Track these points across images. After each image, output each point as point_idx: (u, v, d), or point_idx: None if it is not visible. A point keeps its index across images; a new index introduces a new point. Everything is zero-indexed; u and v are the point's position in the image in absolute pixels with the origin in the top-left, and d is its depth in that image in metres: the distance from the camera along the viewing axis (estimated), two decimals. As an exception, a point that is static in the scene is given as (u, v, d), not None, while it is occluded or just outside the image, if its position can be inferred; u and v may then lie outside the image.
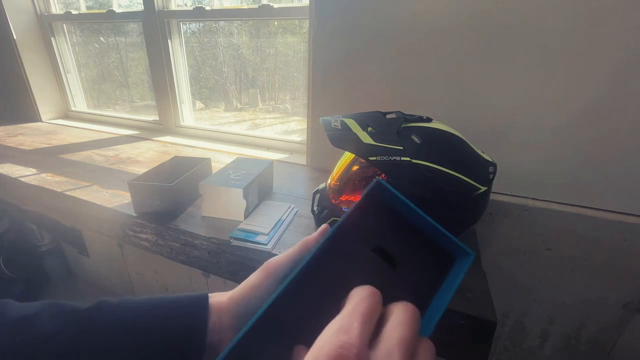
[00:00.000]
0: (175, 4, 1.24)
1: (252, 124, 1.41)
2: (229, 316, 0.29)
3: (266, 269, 0.30)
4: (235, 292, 0.30)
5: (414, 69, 0.80)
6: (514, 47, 0.70)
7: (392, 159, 0.52)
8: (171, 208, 0.70)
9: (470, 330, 0.47)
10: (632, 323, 0.80)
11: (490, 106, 0.76)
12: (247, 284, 0.30)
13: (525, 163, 0.77)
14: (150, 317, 0.29)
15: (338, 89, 0.89)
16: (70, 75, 1.61)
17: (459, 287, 0.20)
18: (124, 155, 1.13)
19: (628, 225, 0.72)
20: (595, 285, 0.80)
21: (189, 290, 1.18)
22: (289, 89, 1.32)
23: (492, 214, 0.81)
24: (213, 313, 0.29)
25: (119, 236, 0.77)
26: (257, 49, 1.27)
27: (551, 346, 0.92)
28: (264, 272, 0.30)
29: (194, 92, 1.41)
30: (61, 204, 0.85)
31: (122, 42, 1.50)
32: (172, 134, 1.40)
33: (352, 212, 0.22)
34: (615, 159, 0.71)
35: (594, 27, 0.64)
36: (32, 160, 1.06)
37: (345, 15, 0.81)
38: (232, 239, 0.63)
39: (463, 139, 0.57)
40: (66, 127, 1.52)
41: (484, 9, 0.69)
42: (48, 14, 1.48)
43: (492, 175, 0.57)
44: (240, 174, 0.74)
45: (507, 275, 0.87)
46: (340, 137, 0.56)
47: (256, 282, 0.29)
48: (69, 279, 1.50)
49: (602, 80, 0.67)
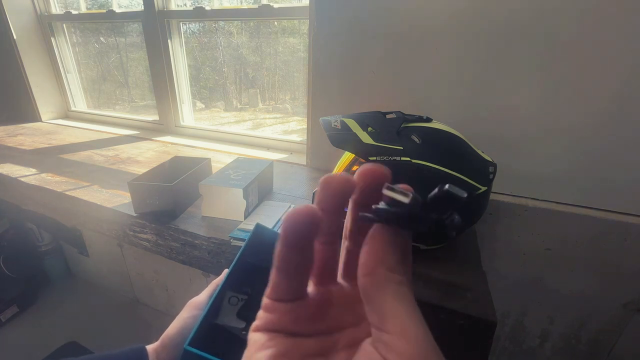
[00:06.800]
0: (175, 4, 1.24)
1: (252, 124, 1.41)
2: (165, 352, 0.38)
3: (191, 305, 0.42)
4: (168, 330, 0.40)
5: (414, 69, 0.80)
6: (514, 47, 0.70)
7: (392, 159, 0.52)
8: (171, 208, 0.70)
9: (471, 330, 0.47)
10: (632, 323, 0.80)
11: (491, 106, 0.76)
12: (177, 320, 0.41)
13: (525, 163, 0.77)
14: None
15: (338, 89, 0.89)
16: (70, 75, 1.61)
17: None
18: (124, 155, 1.13)
19: (628, 225, 0.72)
20: (595, 285, 0.80)
21: (189, 290, 1.18)
22: (289, 89, 1.32)
23: (492, 214, 0.81)
24: (151, 355, 0.38)
25: (119, 236, 0.77)
26: (257, 49, 1.27)
27: (551, 346, 0.92)
28: (190, 307, 0.41)
29: (194, 92, 1.41)
30: (61, 204, 0.85)
31: (122, 42, 1.50)
32: (172, 134, 1.40)
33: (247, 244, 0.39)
34: (615, 159, 0.71)
35: (595, 26, 0.64)
36: (32, 160, 1.06)
37: (345, 15, 0.81)
38: (232, 239, 0.63)
39: (463, 139, 0.57)
40: (66, 127, 1.52)
41: (484, 9, 0.69)
42: (48, 14, 1.48)
43: (492, 175, 0.57)
44: (240, 174, 0.74)
45: (507, 275, 0.87)
46: (340, 137, 0.56)
47: (184, 315, 0.41)
48: (69, 279, 1.50)
49: (602, 80, 0.67)
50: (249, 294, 0.39)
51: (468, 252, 0.62)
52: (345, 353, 0.17)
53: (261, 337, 0.16)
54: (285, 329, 0.17)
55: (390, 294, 0.14)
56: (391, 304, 0.14)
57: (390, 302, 0.14)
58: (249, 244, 0.39)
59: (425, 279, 0.53)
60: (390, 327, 0.14)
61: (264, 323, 0.17)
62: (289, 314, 0.17)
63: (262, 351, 0.16)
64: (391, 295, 0.14)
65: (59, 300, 1.39)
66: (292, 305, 0.17)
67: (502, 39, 0.70)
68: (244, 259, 0.39)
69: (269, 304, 0.17)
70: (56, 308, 1.35)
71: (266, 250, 0.17)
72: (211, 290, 0.42)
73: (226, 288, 0.39)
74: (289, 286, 0.17)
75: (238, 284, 0.39)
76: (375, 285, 0.15)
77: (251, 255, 0.39)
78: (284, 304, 0.17)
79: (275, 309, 0.17)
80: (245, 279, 0.39)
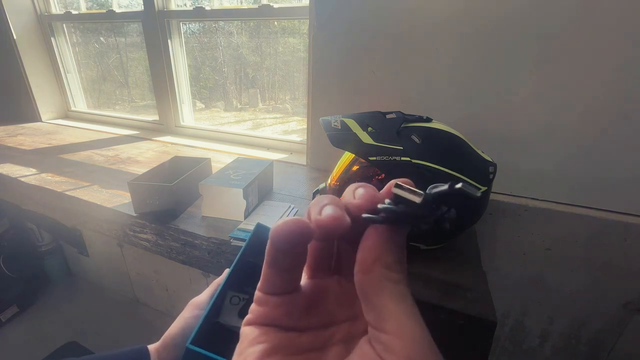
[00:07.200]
0: (175, 4, 1.24)
1: (252, 124, 1.41)
2: (166, 352, 0.38)
3: (192, 305, 0.41)
4: (170, 329, 0.40)
5: (414, 69, 0.80)
6: (514, 47, 0.70)
7: (392, 159, 0.52)
8: (171, 208, 0.70)
9: (471, 330, 0.47)
10: (632, 323, 0.80)
11: (491, 106, 0.76)
12: (178, 320, 0.40)
13: (525, 163, 0.77)
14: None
15: (338, 89, 0.89)
16: (70, 75, 1.61)
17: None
18: (124, 155, 1.13)
19: (628, 225, 0.72)
20: (595, 285, 0.80)
21: (189, 290, 1.18)
22: (289, 89, 1.32)
23: (492, 214, 0.81)
24: (152, 355, 0.38)
25: (119, 236, 0.77)
26: (257, 49, 1.27)
27: (551, 346, 0.92)
28: (191, 307, 0.41)
29: (194, 92, 1.41)
30: (61, 204, 0.85)
31: (122, 42, 1.50)
32: (172, 134, 1.40)
33: (247, 245, 0.39)
34: (615, 159, 0.71)
35: (597, 26, 0.64)
36: (32, 160, 1.06)
37: (345, 15, 0.81)
38: (232, 239, 0.63)
39: (463, 139, 0.57)
40: (66, 127, 1.52)
41: (484, 9, 0.69)
42: (48, 14, 1.48)
43: (492, 175, 0.57)
44: (240, 174, 0.74)
45: (507, 275, 0.87)
46: (340, 137, 0.56)
47: (186, 315, 0.40)
48: (69, 279, 1.50)
49: (603, 80, 0.67)
50: (250, 293, 0.39)
51: (468, 252, 0.62)
52: (340, 348, 0.16)
53: (253, 331, 0.16)
54: (278, 322, 0.16)
55: (387, 293, 0.14)
56: (389, 303, 0.14)
57: (387, 301, 0.14)
58: (249, 243, 0.39)
59: (425, 279, 0.53)
60: (388, 327, 0.13)
61: (256, 317, 0.16)
62: (281, 308, 0.16)
63: (254, 346, 0.15)
64: (389, 294, 0.14)
65: (59, 300, 1.39)
66: (284, 298, 0.16)
67: (501, 38, 0.70)
68: (245, 259, 0.39)
69: (261, 297, 0.16)
70: (56, 308, 1.35)
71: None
72: (212, 290, 0.42)
73: (227, 288, 0.39)
74: (281, 280, 0.16)
75: (239, 284, 0.39)
76: (373, 284, 0.14)
77: (252, 255, 0.39)
78: (276, 297, 0.16)
79: (267, 302, 0.16)
80: (246, 278, 0.39)
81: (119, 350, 0.38)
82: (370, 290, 0.14)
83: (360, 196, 0.15)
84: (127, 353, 0.38)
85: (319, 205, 0.15)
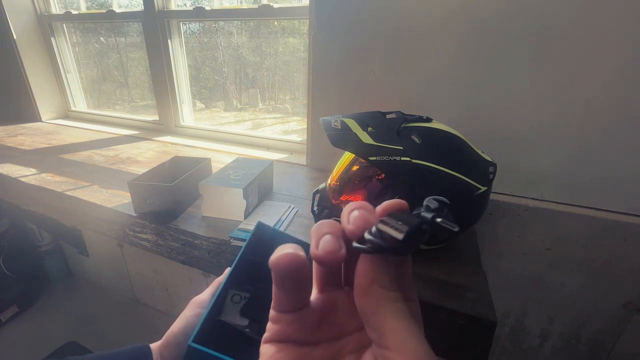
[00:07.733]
0: (175, 4, 1.24)
1: (252, 124, 1.41)
2: (168, 351, 0.38)
3: (194, 303, 0.41)
4: (172, 328, 0.40)
5: (414, 69, 0.80)
6: (514, 47, 0.70)
7: (392, 159, 0.52)
8: (171, 208, 0.70)
9: (470, 330, 0.47)
10: (632, 323, 0.80)
11: (491, 106, 0.76)
12: (180, 319, 0.40)
13: (525, 163, 0.77)
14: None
15: (338, 89, 0.89)
16: (70, 75, 1.61)
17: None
18: (124, 155, 1.13)
19: (628, 225, 0.72)
20: (595, 285, 0.80)
21: (189, 290, 1.18)
22: (289, 89, 1.32)
23: (492, 214, 0.81)
24: (154, 353, 0.38)
25: (119, 236, 0.77)
26: (257, 49, 1.27)
27: (551, 346, 0.92)
28: (192, 306, 0.41)
29: (194, 92, 1.41)
30: (61, 204, 0.85)
31: (122, 42, 1.50)
32: (172, 134, 1.40)
33: (247, 245, 0.39)
34: (615, 159, 0.71)
35: (597, 26, 0.64)
36: (32, 160, 1.06)
37: (345, 15, 0.81)
38: (232, 239, 0.63)
39: (463, 139, 0.57)
40: (66, 127, 1.52)
41: (484, 9, 0.69)
42: (48, 14, 1.48)
43: (492, 175, 0.57)
44: (240, 174, 0.74)
45: (507, 275, 0.87)
46: (340, 137, 0.56)
47: (187, 314, 0.40)
48: (69, 279, 1.50)
49: (603, 80, 0.66)
50: (252, 292, 0.39)
51: (468, 252, 0.62)
52: (352, 357, 0.17)
53: (270, 349, 0.17)
54: (293, 338, 0.17)
55: (387, 312, 0.15)
56: (389, 321, 0.15)
57: (387, 320, 0.15)
58: (250, 242, 0.39)
59: (425, 279, 0.53)
60: (390, 344, 0.14)
61: (272, 334, 0.17)
62: (294, 324, 0.17)
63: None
64: (388, 313, 0.15)
65: (59, 300, 1.39)
66: (295, 315, 0.17)
67: (501, 38, 0.70)
68: (246, 257, 0.39)
69: (274, 315, 0.17)
70: (56, 308, 1.35)
71: (268, 249, 0.17)
72: (214, 288, 0.42)
73: (229, 286, 0.39)
74: (289, 299, 0.17)
75: (240, 282, 0.39)
76: (372, 305, 0.15)
77: (253, 254, 0.39)
78: (287, 315, 0.17)
79: (280, 319, 0.17)
80: (247, 277, 0.39)
81: (121, 349, 0.38)
82: (369, 311, 0.15)
83: (353, 221, 0.16)
84: (129, 351, 0.38)
85: (317, 236, 0.16)
